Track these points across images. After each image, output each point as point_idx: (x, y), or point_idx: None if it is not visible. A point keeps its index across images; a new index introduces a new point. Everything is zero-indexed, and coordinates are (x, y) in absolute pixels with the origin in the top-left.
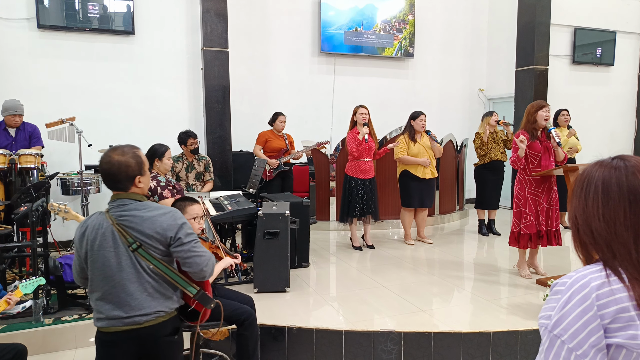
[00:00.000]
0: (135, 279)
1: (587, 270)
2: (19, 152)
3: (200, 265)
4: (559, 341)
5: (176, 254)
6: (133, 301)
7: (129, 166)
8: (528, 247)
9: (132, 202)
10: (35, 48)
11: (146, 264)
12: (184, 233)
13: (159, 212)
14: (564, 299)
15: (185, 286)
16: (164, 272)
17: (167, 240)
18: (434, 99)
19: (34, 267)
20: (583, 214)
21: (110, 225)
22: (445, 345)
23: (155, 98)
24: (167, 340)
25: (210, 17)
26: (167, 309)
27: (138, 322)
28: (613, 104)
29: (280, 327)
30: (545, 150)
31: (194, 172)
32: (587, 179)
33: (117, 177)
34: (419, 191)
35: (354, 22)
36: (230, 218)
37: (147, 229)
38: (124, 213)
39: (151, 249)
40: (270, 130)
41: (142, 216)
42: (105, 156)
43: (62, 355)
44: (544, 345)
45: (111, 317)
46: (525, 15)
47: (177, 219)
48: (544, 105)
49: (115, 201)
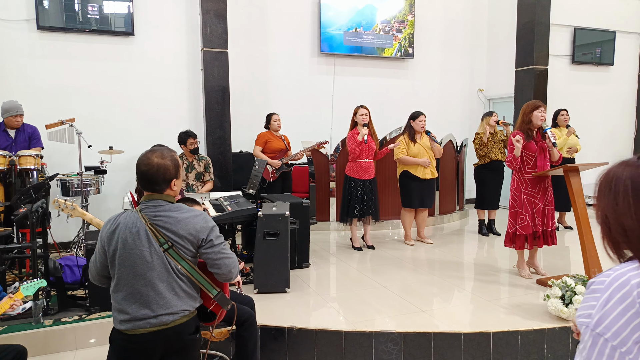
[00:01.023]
0: (165, 278)
1: (625, 268)
2: (19, 154)
3: (229, 267)
4: (602, 339)
5: (206, 255)
6: (161, 300)
7: (167, 169)
8: (524, 247)
9: (166, 204)
10: (35, 49)
11: (175, 264)
12: (214, 235)
13: (191, 214)
14: (604, 298)
15: (209, 288)
16: (191, 274)
17: (198, 241)
18: (434, 99)
19: (34, 269)
20: (614, 213)
21: (144, 224)
22: (445, 345)
23: (155, 99)
24: (190, 339)
25: (210, 18)
26: (191, 307)
27: (165, 322)
28: (613, 103)
29: (281, 328)
30: (541, 151)
31: (194, 172)
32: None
33: (155, 179)
34: (419, 191)
35: (354, 23)
36: (230, 219)
37: (181, 230)
38: (158, 213)
39: (182, 249)
40: (268, 131)
41: (177, 217)
42: (144, 158)
43: (62, 356)
44: (586, 343)
45: (138, 318)
46: (525, 15)
47: (209, 222)
48: (540, 105)
49: (149, 201)
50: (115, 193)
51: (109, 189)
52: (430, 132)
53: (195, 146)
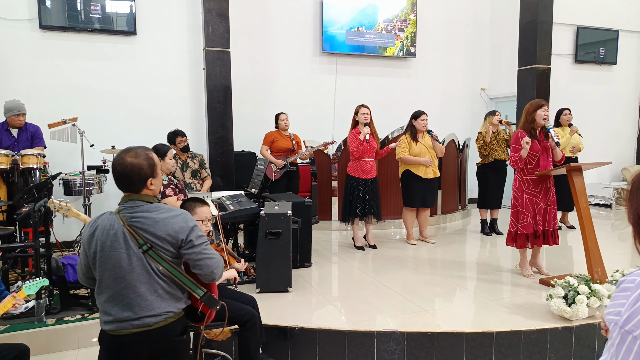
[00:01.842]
0: (146, 280)
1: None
2: (22, 153)
3: (211, 268)
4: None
5: (187, 256)
6: (143, 302)
7: (141, 168)
8: (526, 247)
9: (144, 204)
10: (37, 49)
11: (156, 265)
12: (195, 235)
13: (170, 214)
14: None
15: (194, 288)
16: (173, 274)
17: (178, 242)
18: (436, 98)
19: (37, 268)
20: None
21: (122, 226)
22: (448, 345)
23: (157, 98)
24: (177, 340)
25: (212, 17)
26: (176, 309)
27: (148, 324)
28: (616, 103)
29: (283, 327)
30: (544, 150)
31: (189, 170)
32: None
33: (130, 179)
34: (421, 191)
35: (356, 22)
36: (232, 218)
37: (159, 231)
38: (135, 214)
39: (162, 250)
40: (276, 131)
41: (154, 218)
42: (118, 158)
43: (64, 355)
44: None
45: (121, 320)
46: (528, 14)
47: (189, 222)
48: (543, 105)
49: (127, 202)
50: (117, 192)
51: (112, 188)
52: (432, 132)
53: (185, 144)
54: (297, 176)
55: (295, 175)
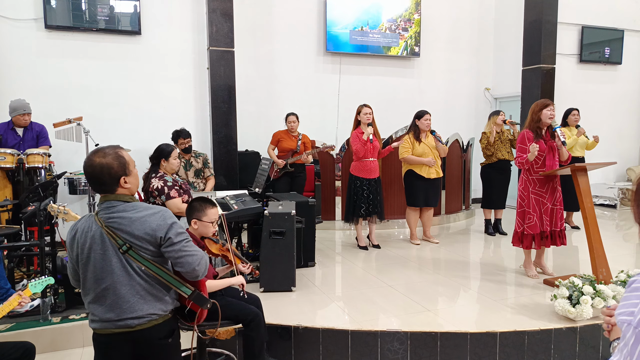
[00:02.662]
0: (127, 282)
1: None
2: (27, 152)
3: (192, 265)
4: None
5: (167, 254)
6: (124, 304)
7: (111, 168)
8: (532, 247)
9: (121, 204)
10: (42, 48)
11: (137, 265)
12: (174, 233)
13: (148, 213)
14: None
15: (179, 286)
16: (156, 273)
17: (157, 240)
18: (440, 98)
19: (42, 266)
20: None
21: (99, 227)
22: (452, 345)
23: (161, 98)
24: (160, 343)
25: (216, 17)
26: (161, 311)
27: (130, 326)
28: (620, 102)
29: (287, 327)
30: (550, 150)
31: (192, 169)
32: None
33: (101, 180)
34: (424, 191)
35: (360, 22)
36: (236, 217)
37: (137, 230)
38: (112, 215)
39: (141, 250)
40: (284, 130)
41: (131, 217)
42: (87, 160)
43: (69, 353)
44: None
45: (104, 320)
46: (532, 13)
47: (167, 219)
48: (549, 104)
49: (103, 203)
50: None
51: None
52: (435, 132)
53: (186, 146)
54: (302, 177)
55: (299, 176)
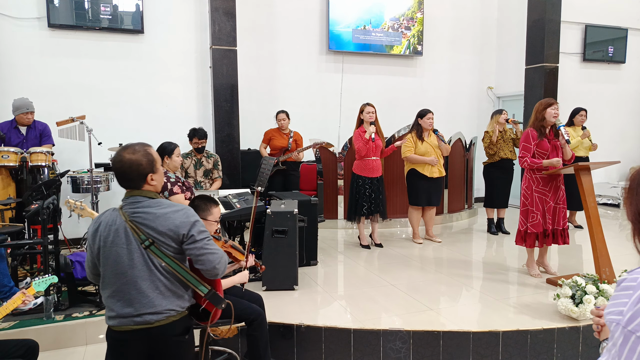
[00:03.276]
0: (147, 277)
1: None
2: (30, 150)
3: (213, 263)
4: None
5: (189, 251)
6: (144, 299)
7: (140, 164)
8: (535, 246)
9: (145, 200)
10: (45, 47)
11: (158, 261)
12: (196, 230)
13: (172, 209)
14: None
15: (197, 285)
16: (176, 270)
17: (179, 237)
18: (443, 97)
19: (45, 264)
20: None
21: (124, 222)
22: (454, 344)
23: (164, 96)
24: (177, 340)
25: (219, 16)
26: (179, 307)
27: (149, 322)
28: (624, 101)
29: (289, 325)
30: (554, 149)
31: (202, 169)
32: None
33: (129, 176)
34: (426, 190)
35: (362, 20)
36: (238, 216)
37: (160, 226)
38: (137, 210)
39: (163, 246)
40: (275, 129)
41: (155, 213)
42: (116, 155)
43: (72, 351)
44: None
45: (122, 315)
46: (535, 12)
47: (190, 217)
48: (553, 103)
49: (129, 198)
50: (124, 190)
51: (119, 186)
52: (437, 131)
53: (200, 146)
54: (296, 175)
55: (292, 174)
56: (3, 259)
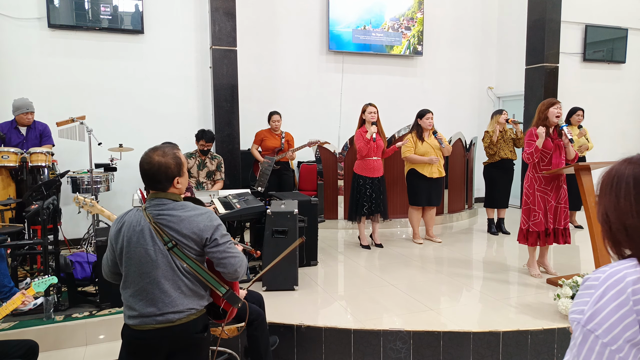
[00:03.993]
0: (170, 277)
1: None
2: (30, 151)
3: (235, 266)
4: (593, 336)
5: (211, 254)
6: (167, 298)
7: (169, 167)
8: (537, 244)
9: (170, 202)
10: (45, 47)
11: (180, 262)
12: (219, 234)
13: (196, 213)
14: (598, 294)
15: (217, 286)
16: (197, 272)
17: (202, 240)
18: (443, 97)
19: (45, 265)
20: (615, 212)
21: (148, 223)
22: (454, 344)
23: (164, 97)
24: (198, 337)
25: (219, 16)
26: (199, 306)
27: (171, 320)
28: (624, 101)
29: (289, 326)
30: (556, 148)
31: (205, 170)
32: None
33: (157, 178)
34: (426, 190)
35: (362, 20)
36: (239, 216)
37: (184, 229)
38: (162, 212)
39: (186, 248)
40: (267, 129)
41: (180, 216)
42: (146, 157)
43: (72, 352)
44: (576, 340)
45: (145, 315)
46: (536, 12)
47: (213, 220)
48: (556, 103)
49: (154, 200)
50: (125, 190)
51: (119, 186)
52: (437, 133)
53: (205, 149)
54: (289, 174)
55: (286, 174)
56: (3, 259)
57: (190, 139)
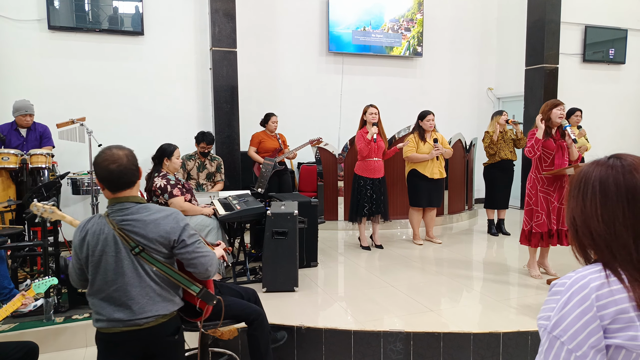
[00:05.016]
0: (137, 284)
1: (587, 270)
2: (30, 152)
3: (205, 265)
4: (559, 342)
5: (180, 255)
6: (135, 305)
7: (135, 163)
8: (539, 245)
9: (133, 205)
10: (45, 49)
11: (149, 267)
12: (187, 235)
13: (161, 215)
14: (563, 300)
15: (189, 285)
16: (168, 274)
17: (170, 243)
18: (443, 98)
19: (45, 266)
20: (581, 215)
21: (112, 230)
22: (455, 345)
23: (164, 98)
24: (168, 340)
25: (219, 17)
26: (167, 311)
27: (138, 324)
28: (624, 102)
29: (289, 327)
30: (559, 149)
31: (205, 171)
32: (584, 179)
33: (125, 177)
34: (427, 191)
35: (362, 22)
36: (238, 218)
37: (151, 233)
38: (125, 217)
39: (154, 252)
40: (263, 131)
41: (145, 220)
42: (111, 155)
43: (72, 353)
44: (543, 346)
45: (112, 319)
46: (535, 13)
47: (180, 221)
48: (559, 104)
49: (115, 205)
50: None
51: None
52: (437, 140)
53: (205, 151)
54: (289, 175)
55: (287, 173)
56: (3, 261)
57: (190, 141)
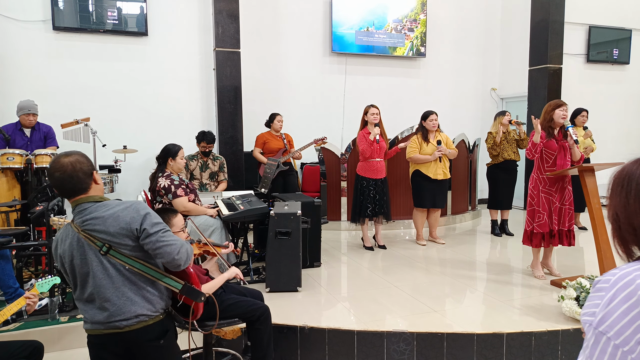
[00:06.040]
0: (110, 285)
1: (631, 267)
2: (35, 152)
3: (171, 254)
4: (605, 338)
5: (146, 246)
6: (111, 307)
7: (82, 162)
8: (541, 246)
9: (91, 204)
10: (50, 49)
11: (121, 265)
12: (149, 223)
13: (120, 208)
14: (608, 296)
15: (168, 281)
16: (140, 270)
17: (134, 233)
18: (446, 98)
19: (50, 266)
20: (625, 212)
21: (76, 234)
22: (458, 346)
23: (167, 98)
24: (151, 345)
25: (222, 18)
26: (149, 312)
27: (118, 327)
28: (628, 102)
29: (292, 327)
30: (561, 150)
31: (208, 171)
32: (627, 177)
33: (76, 178)
34: (430, 191)
35: (365, 22)
36: (242, 218)
37: (111, 227)
38: (85, 218)
39: (122, 247)
40: (267, 132)
41: (103, 216)
42: (53, 165)
43: (77, 352)
44: (588, 341)
45: (94, 322)
46: (539, 13)
47: (140, 210)
48: (562, 104)
49: (75, 208)
50: (129, 192)
51: (123, 187)
52: (440, 142)
53: (206, 150)
54: (294, 175)
55: (292, 174)
56: (8, 260)
57: (194, 141)
